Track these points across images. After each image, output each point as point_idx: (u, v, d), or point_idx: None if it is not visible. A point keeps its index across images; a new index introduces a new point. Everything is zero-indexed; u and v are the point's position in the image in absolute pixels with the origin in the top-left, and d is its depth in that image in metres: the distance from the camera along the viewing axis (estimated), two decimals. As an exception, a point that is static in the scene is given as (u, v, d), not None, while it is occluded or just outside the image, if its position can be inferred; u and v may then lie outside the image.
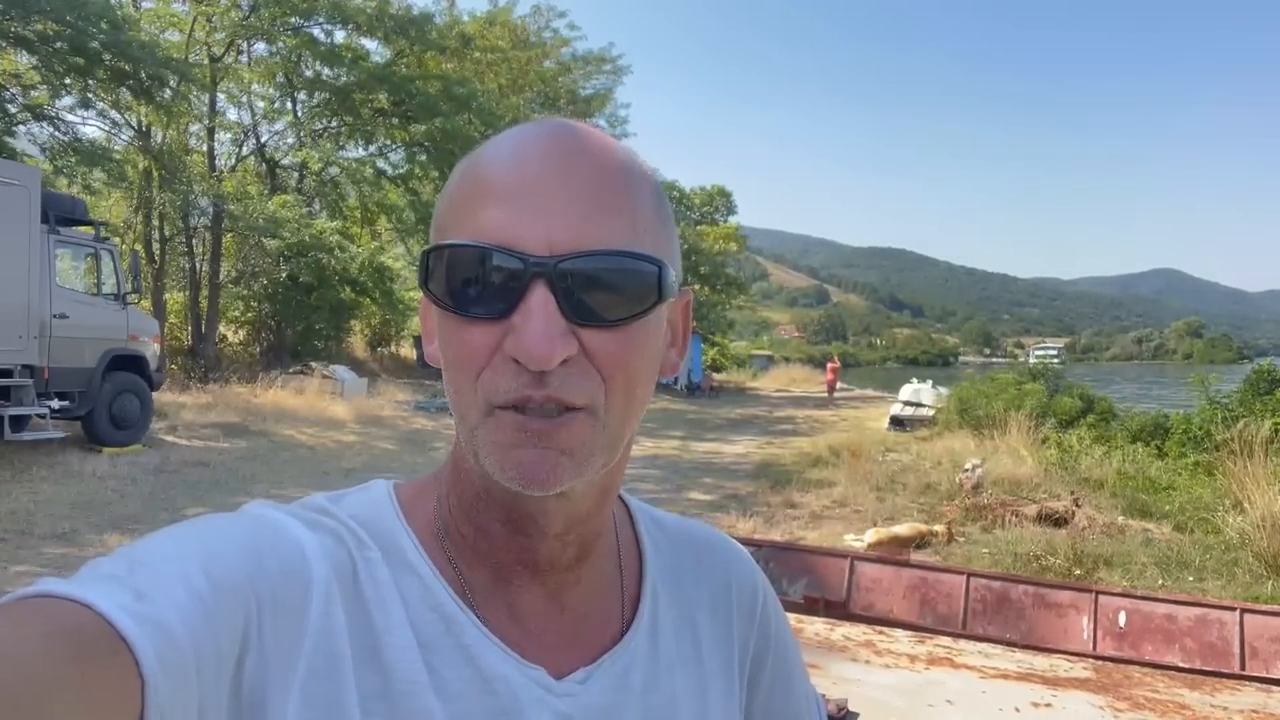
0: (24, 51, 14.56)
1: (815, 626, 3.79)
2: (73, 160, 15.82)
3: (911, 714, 2.56)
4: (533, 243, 0.51)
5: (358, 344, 26.23)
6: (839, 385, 33.65)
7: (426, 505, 0.62)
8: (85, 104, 16.16)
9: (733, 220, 41.27)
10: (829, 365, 35.03)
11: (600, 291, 0.52)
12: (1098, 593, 4.46)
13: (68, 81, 15.11)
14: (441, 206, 0.57)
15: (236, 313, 22.08)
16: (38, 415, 9.58)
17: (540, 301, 0.50)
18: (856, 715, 2.42)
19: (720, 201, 40.37)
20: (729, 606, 0.71)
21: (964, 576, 4.72)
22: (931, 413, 18.39)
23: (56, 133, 15.91)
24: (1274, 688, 3.25)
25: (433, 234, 0.57)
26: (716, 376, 35.33)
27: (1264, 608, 4.29)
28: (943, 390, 19.90)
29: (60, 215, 10.03)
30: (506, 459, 0.52)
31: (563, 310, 0.51)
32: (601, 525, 0.63)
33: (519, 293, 0.51)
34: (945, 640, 3.81)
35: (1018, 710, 2.63)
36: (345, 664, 0.52)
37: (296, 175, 23.50)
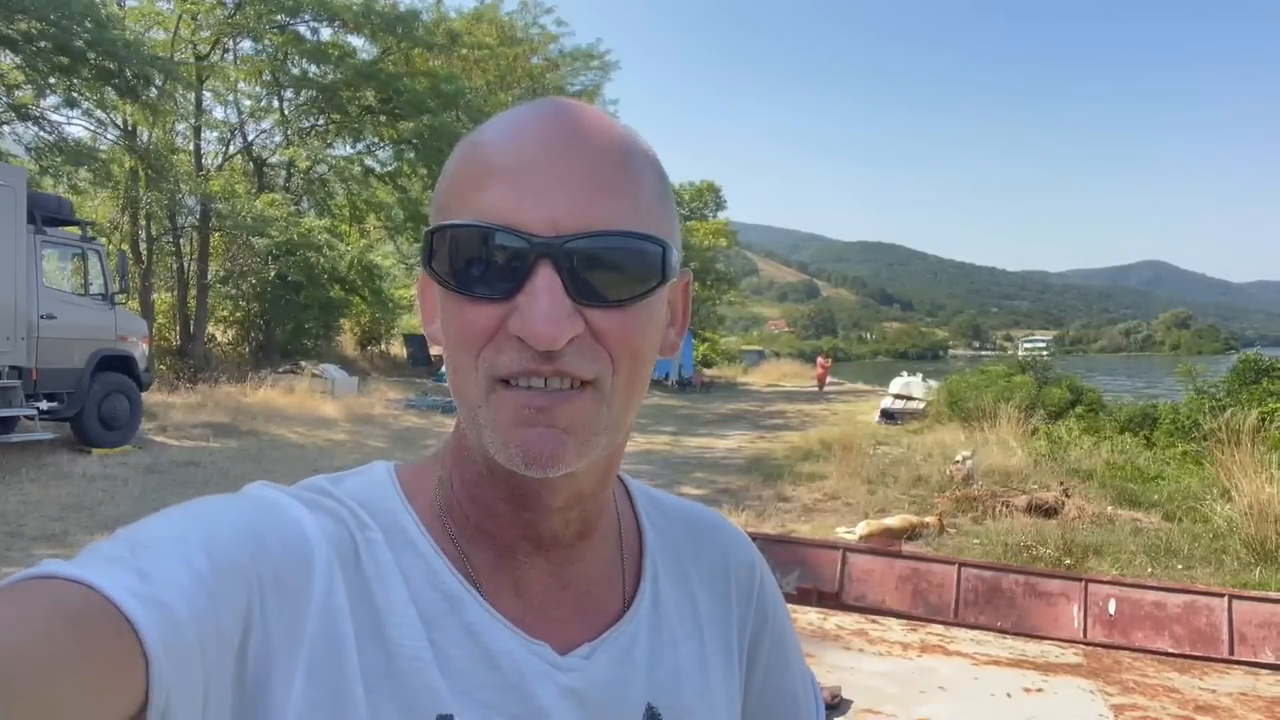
0: (8, 51, 14.42)
1: (809, 616, 3.82)
2: (58, 160, 15.72)
3: (905, 700, 2.58)
4: (537, 223, 0.51)
5: (348, 342, 26.16)
6: (829, 379, 33.74)
7: (428, 485, 0.62)
8: (70, 103, 16.02)
9: (722, 215, 41.42)
10: (819, 359, 35.12)
11: (605, 271, 0.52)
12: (1087, 581, 4.49)
13: (52, 81, 15.00)
14: (443, 186, 0.57)
15: (225, 312, 21.94)
16: (26, 417, 9.51)
17: (546, 282, 0.50)
18: (850, 702, 2.44)
19: (709, 197, 40.50)
20: (727, 586, 0.72)
21: (955, 566, 4.75)
22: (921, 405, 18.46)
23: (42, 132, 15.82)
24: (1262, 671, 3.28)
25: (434, 214, 0.57)
26: (707, 372, 35.37)
27: (1252, 594, 4.32)
28: (932, 383, 19.99)
29: (46, 215, 9.92)
30: (509, 438, 0.52)
31: (568, 290, 0.51)
32: (604, 504, 0.64)
33: (524, 273, 0.51)
34: (938, 628, 3.84)
35: (1009, 695, 2.66)
36: (349, 643, 0.52)
37: (284, 173, 23.36)
